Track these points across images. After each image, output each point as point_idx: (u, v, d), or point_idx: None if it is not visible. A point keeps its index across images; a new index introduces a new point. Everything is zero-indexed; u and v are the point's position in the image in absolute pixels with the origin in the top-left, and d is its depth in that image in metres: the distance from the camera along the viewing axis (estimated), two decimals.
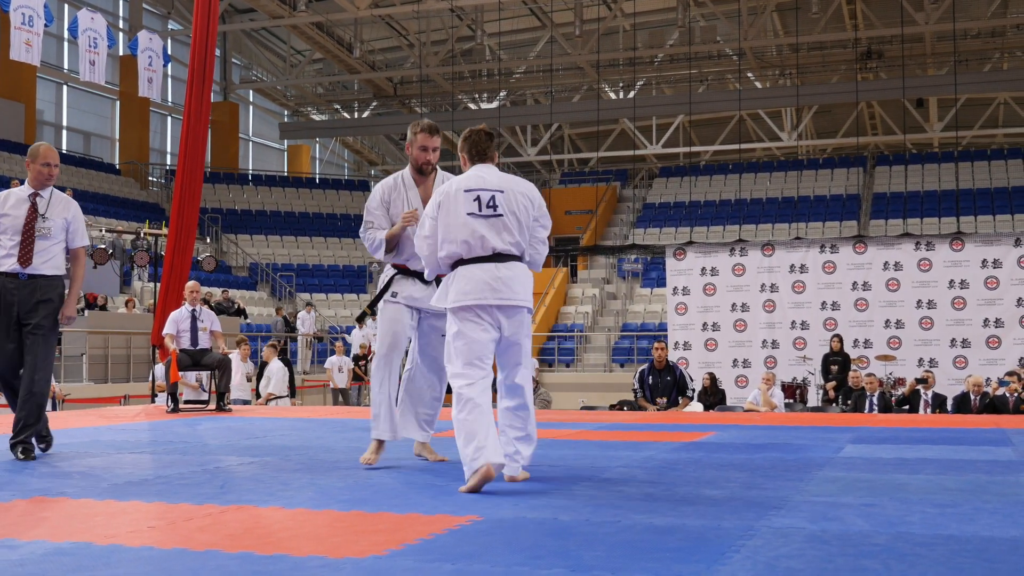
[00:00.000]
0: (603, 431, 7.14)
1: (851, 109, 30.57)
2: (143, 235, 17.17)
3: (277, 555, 2.83)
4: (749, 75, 30.94)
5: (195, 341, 9.32)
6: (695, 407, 11.47)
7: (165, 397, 9.58)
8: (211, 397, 9.83)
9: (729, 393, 14.79)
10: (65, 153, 28.70)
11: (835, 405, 12.98)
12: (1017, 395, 11.11)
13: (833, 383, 13.86)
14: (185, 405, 9.52)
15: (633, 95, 31.02)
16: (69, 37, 20.11)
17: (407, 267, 4.87)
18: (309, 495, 3.96)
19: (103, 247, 17.12)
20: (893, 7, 25.86)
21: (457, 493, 3.95)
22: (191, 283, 9.63)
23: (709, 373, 13.63)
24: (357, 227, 6.55)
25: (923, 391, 12.06)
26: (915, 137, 31.79)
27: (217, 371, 9.41)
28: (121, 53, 28.69)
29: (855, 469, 4.77)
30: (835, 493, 3.97)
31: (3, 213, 5.26)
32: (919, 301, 15.40)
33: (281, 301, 25.99)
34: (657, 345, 11.95)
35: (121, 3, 30.49)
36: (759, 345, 16.08)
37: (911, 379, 13.19)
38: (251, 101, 36.55)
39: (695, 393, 11.90)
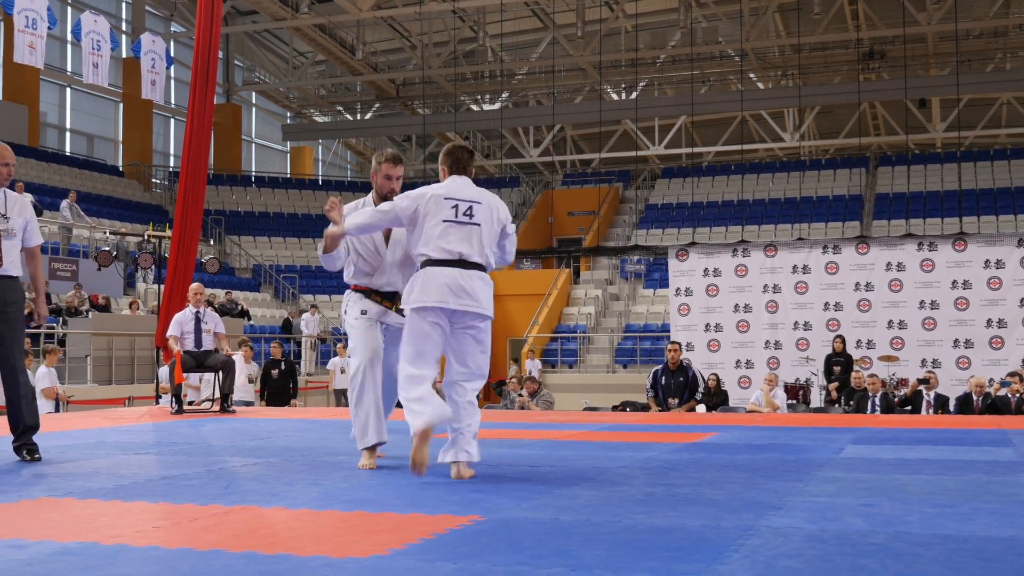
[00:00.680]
0: (605, 432, 7.17)
1: (853, 109, 30.55)
2: (147, 237, 17.20)
3: (281, 555, 2.85)
4: (751, 76, 30.91)
5: (199, 343, 9.35)
6: (698, 408, 11.50)
7: (169, 398, 9.61)
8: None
9: (732, 394, 14.82)
10: (69, 155, 28.78)
11: (838, 406, 12.96)
12: (1019, 396, 11.09)
13: (836, 384, 13.85)
14: (189, 407, 9.55)
15: (635, 96, 31.02)
16: (72, 40, 20.20)
17: (368, 288, 5.04)
18: (313, 495, 3.99)
19: (107, 249, 17.15)
20: (895, 7, 25.84)
21: (459, 493, 3.98)
22: (195, 285, 9.65)
23: (713, 374, 13.67)
24: None
25: (925, 392, 12.03)
26: (917, 137, 31.74)
27: (221, 373, 9.46)
28: (124, 55, 28.75)
29: (855, 470, 4.80)
30: (834, 493, 3.99)
31: None
32: (922, 302, 15.39)
33: (284, 303, 26.02)
34: (670, 346, 11.96)
35: (124, 6, 30.55)
36: (762, 346, 16.09)
37: (914, 380, 13.16)
38: (254, 103, 36.61)
39: (702, 395, 11.92)
